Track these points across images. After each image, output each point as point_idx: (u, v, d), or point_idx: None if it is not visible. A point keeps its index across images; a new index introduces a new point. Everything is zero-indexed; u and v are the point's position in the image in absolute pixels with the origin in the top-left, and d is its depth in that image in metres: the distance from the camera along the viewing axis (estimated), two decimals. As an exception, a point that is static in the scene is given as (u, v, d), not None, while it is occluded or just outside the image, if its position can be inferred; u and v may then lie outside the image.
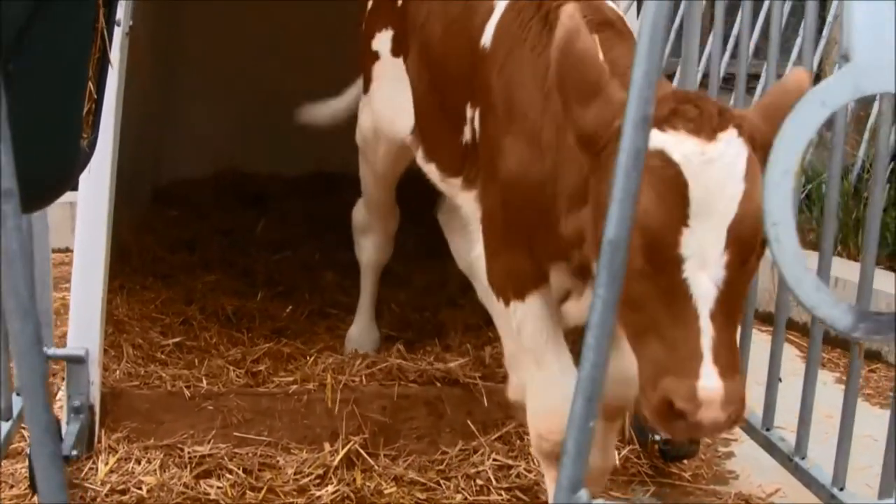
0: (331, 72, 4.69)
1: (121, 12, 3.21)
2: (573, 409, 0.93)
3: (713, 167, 1.95)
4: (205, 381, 3.51)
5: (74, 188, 3.36)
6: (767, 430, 3.22)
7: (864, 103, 5.31)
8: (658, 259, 1.95)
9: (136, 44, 3.96)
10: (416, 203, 5.55)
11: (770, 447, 3.17)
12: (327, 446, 3.41)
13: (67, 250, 4.21)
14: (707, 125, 1.99)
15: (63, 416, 3.41)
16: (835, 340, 4.48)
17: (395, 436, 3.49)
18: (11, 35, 1.89)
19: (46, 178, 2.18)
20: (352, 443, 3.42)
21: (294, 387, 3.51)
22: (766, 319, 4.11)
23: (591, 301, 0.78)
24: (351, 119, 5.98)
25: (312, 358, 3.66)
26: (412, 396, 3.50)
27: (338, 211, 5.49)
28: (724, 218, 1.94)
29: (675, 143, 1.96)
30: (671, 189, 1.95)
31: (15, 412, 3.14)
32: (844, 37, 0.72)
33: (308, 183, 5.52)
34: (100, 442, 3.41)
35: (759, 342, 3.41)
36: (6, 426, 3.06)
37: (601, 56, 2.20)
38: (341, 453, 3.38)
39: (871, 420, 3.60)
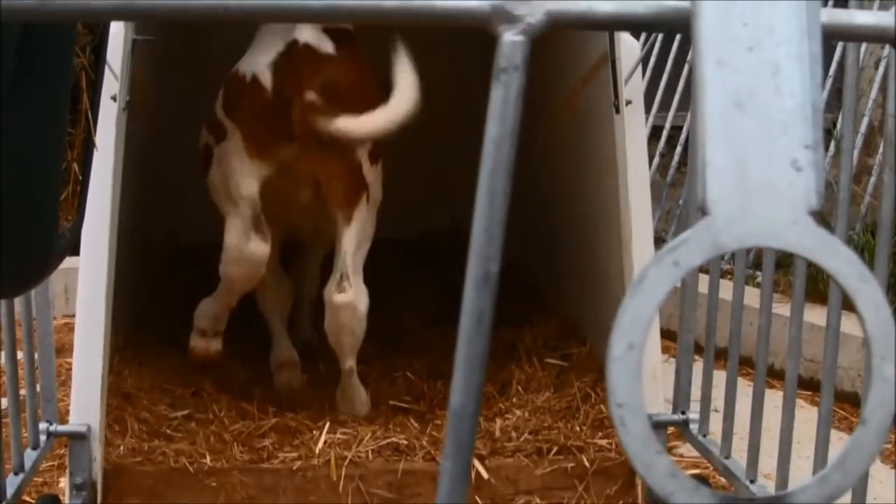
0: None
1: (117, 88, 3.21)
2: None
3: None
4: (208, 457, 3.44)
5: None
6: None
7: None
8: None
9: (142, 113, 3.95)
10: (427, 270, 5.48)
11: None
12: (331, 523, 3.34)
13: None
14: None
15: (65, 493, 3.38)
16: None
17: (401, 512, 3.40)
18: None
19: (15, 267, 2.14)
20: (357, 520, 3.34)
21: (299, 463, 3.43)
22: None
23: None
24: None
25: (319, 433, 3.58)
26: (418, 472, 3.41)
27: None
28: None
29: None
30: None
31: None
32: (700, 187, 0.63)
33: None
34: (102, 519, 3.35)
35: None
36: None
37: None
38: (346, 530, 3.30)
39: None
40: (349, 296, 3.58)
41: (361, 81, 3.59)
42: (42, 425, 3.41)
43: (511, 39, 0.66)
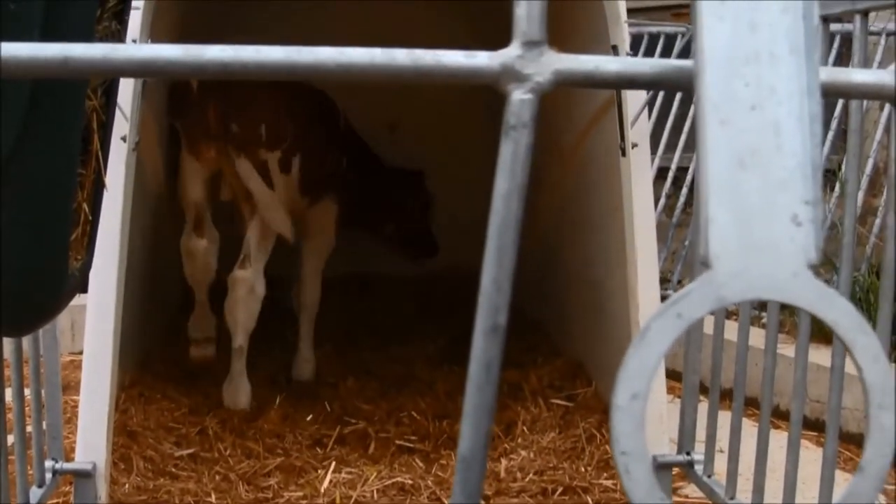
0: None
1: (126, 129, 3.24)
2: None
3: None
4: (214, 496, 3.45)
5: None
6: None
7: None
8: None
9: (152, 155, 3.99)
10: (440, 308, 5.49)
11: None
12: (336, 565, 3.34)
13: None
14: None
15: (70, 531, 3.38)
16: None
17: (406, 553, 3.40)
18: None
19: (25, 305, 2.16)
20: (362, 560, 3.34)
21: (304, 502, 3.43)
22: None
23: None
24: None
25: (324, 472, 3.58)
26: (424, 513, 3.42)
27: (371, 312, 5.43)
28: None
29: None
30: None
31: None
32: (703, 243, 0.65)
33: (341, 284, 5.50)
34: (105, 559, 3.35)
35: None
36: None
37: None
38: (351, 571, 3.30)
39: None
40: (248, 273, 4.14)
41: (270, 98, 4.12)
42: (48, 463, 3.42)
43: (520, 98, 0.68)
